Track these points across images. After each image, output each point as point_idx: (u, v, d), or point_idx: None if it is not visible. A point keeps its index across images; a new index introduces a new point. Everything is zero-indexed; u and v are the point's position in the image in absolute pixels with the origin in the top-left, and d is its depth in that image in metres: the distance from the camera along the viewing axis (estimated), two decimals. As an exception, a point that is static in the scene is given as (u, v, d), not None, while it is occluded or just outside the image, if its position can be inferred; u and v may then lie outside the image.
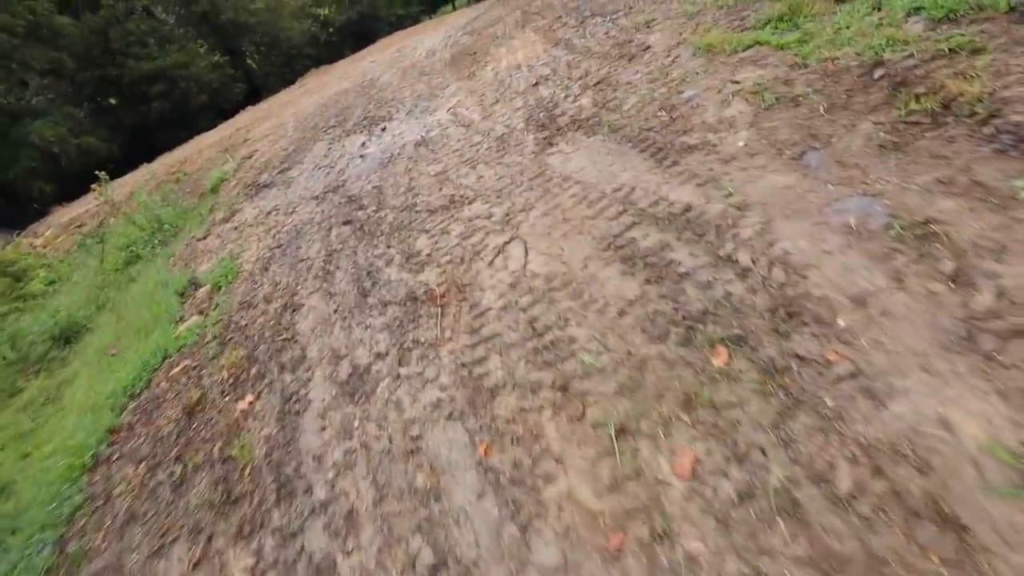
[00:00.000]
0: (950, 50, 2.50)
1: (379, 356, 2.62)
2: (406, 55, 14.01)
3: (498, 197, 3.52)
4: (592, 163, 3.34)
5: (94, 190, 8.68)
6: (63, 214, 14.89)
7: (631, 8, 5.97)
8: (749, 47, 3.43)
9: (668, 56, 4.07)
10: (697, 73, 3.50)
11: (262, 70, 30.38)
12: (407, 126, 6.40)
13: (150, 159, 17.80)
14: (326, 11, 32.85)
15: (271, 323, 3.32)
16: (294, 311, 3.36)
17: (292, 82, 24.02)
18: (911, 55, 2.57)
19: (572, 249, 2.67)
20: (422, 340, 2.57)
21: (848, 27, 3.09)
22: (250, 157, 9.39)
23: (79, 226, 12.04)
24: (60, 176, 21.29)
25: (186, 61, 25.72)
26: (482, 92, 6.14)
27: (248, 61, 30.40)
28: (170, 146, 19.37)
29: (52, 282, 7.51)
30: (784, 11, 3.56)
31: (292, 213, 5.20)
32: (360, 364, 2.64)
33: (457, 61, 9.36)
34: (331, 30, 33.05)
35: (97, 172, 8.07)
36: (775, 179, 2.42)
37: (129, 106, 24.72)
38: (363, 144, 6.56)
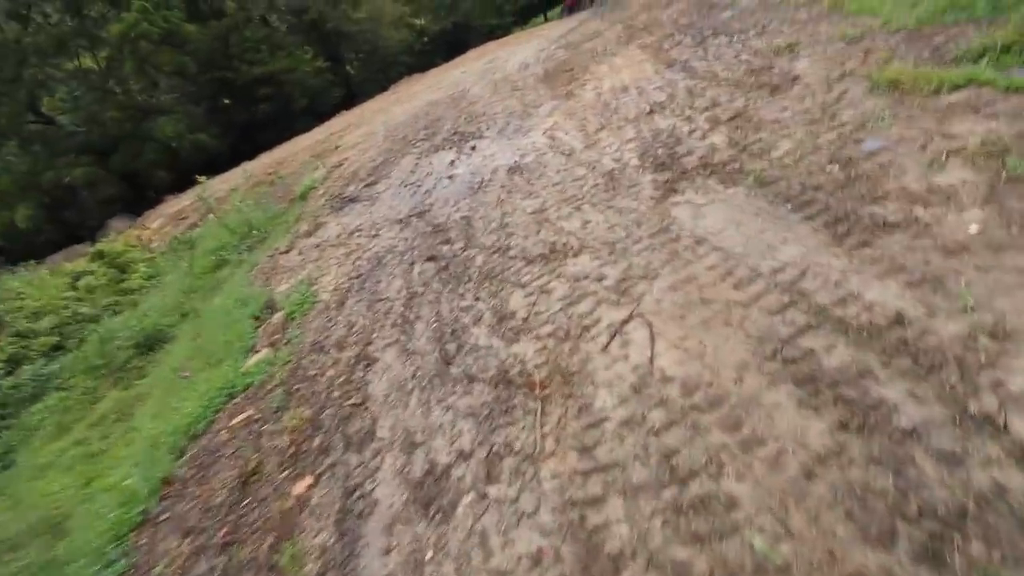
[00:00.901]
0: None
1: (462, 455, 2.14)
2: (497, 67, 13.80)
3: (610, 253, 2.95)
4: (735, 224, 2.68)
5: (200, 182, 9.08)
6: (173, 204, 16.07)
7: (764, 28, 5.19)
8: (960, 87, 2.64)
9: (829, 91, 3.32)
10: (882, 118, 2.74)
11: (359, 76, 31.79)
12: (498, 147, 5.99)
13: (252, 156, 18.92)
14: (422, 20, 33.87)
15: (341, 378, 2.96)
16: (367, 366, 2.97)
17: (386, 88, 24.81)
18: None
19: (718, 348, 2.05)
20: (516, 446, 2.05)
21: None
22: (339, 166, 9.45)
23: (183, 218, 12.84)
24: (177, 167, 23.22)
25: (292, 66, 27.37)
26: (583, 115, 5.60)
27: (347, 67, 31.93)
28: (270, 145, 20.52)
29: (151, 277, 7.84)
30: (1010, 38, 2.73)
31: (375, 236, 4.92)
32: (438, 461, 2.17)
33: (552, 77, 8.90)
34: (425, 39, 34.04)
35: (198, 176, 8.37)
36: (1042, 294, 1.67)
37: (240, 106, 26.64)
38: (452, 163, 6.23)
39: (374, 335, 3.22)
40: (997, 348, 1.59)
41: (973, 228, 1.99)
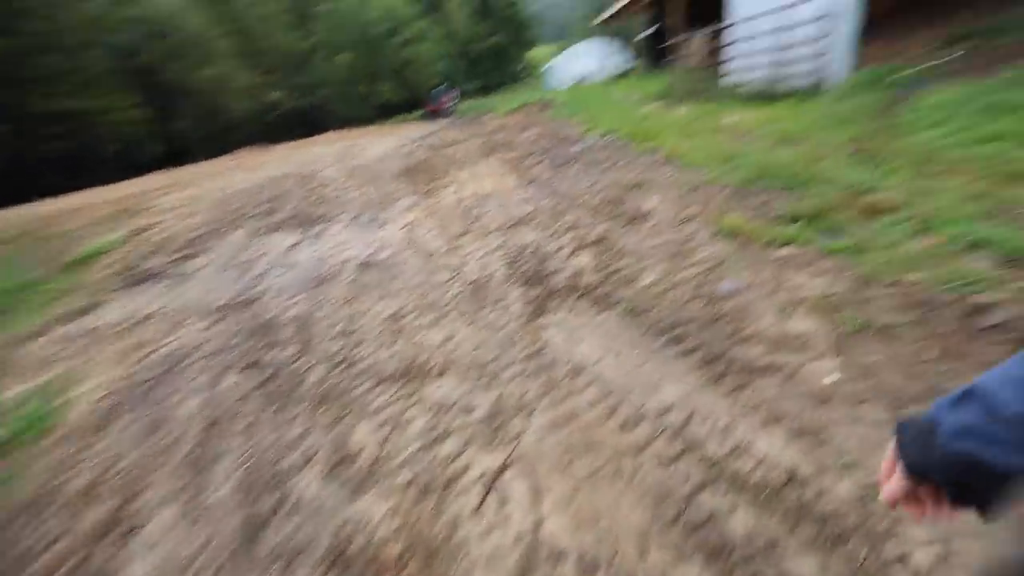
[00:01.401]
0: (1059, 307, 2.12)
1: None
2: (355, 154, 13.55)
3: (480, 377, 2.57)
4: (613, 354, 2.55)
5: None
6: None
7: (614, 165, 5.81)
8: (788, 243, 3.02)
9: (679, 229, 3.63)
10: (731, 261, 2.99)
11: (194, 134, 28.77)
12: (351, 235, 5.47)
13: (26, 199, 15.10)
14: (278, 94, 32.75)
15: (73, 560, 1.91)
16: (125, 536, 1.99)
17: (227, 152, 22.67)
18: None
19: (614, 508, 1.73)
20: None
21: (899, 245, 2.75)
22: (146, 230, 7.82)
23: None
24: None
25: (106, 107, 23.67)
26: (445, 216, 5.46)
27: (179, 123, 28.78)
28: (61, 191, 16.76)
29: None
30: (814, 210, 3.27)
31: (176, 329, 3.84)
32: None
33: (412, 174, 8.86)
34: (278, 113, 32.75)
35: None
36: (907, 452, 1.72)
37: (23, 139, 21.69)
38: (293, 246, 5.47)
39: (146, 482, 2.24)
40: (892, 513, 1.53)
41: (831, 378, 2.08)
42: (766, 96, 8.56)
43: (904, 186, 3.44)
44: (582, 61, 45.04)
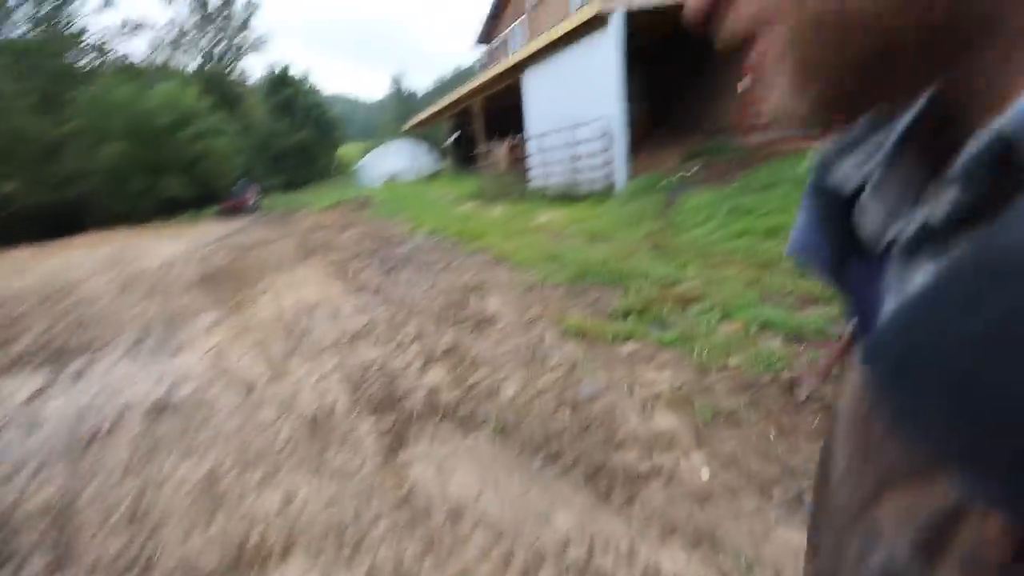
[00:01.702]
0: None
1: None
2: (132, 259, 11.35)
3: (339, 547, 2.06)
4: (491, 484, 2.30)
5: None
6: None
7: (448, 264, 5.84)
8: (628, 338, 3.26)
9: (527, 332, 3.68)
10: (585, 362, 3.08)
11: None
12: (133, 368, 4.33)
13: None
14: (12, 185, 26.19)
15: None
16: None
17: (-86, 265, 16.85)
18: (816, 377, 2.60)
19: None
20: None
21: (713, 332, 3.18)
22: None
23: None
24: None
25: None
26: (263, 334, 4.72)
27: None
28: None
29: None
30: (640, 304, 3.64)
31: None
32: None
33: (214, 282, 7.69)
34: (12, 209, 26.09)
35: None
36: (789, 537, 1.82)
37: None
38: (38, 392, 4.07)
39: None
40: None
41: (704, 474, 2.16)
42: (568, 197, 9.85)
43: (699, 276, 4.10)
44: (392, 160, 47.02)
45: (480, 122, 15.49)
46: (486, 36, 24.11)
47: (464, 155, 23.67)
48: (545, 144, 10.36)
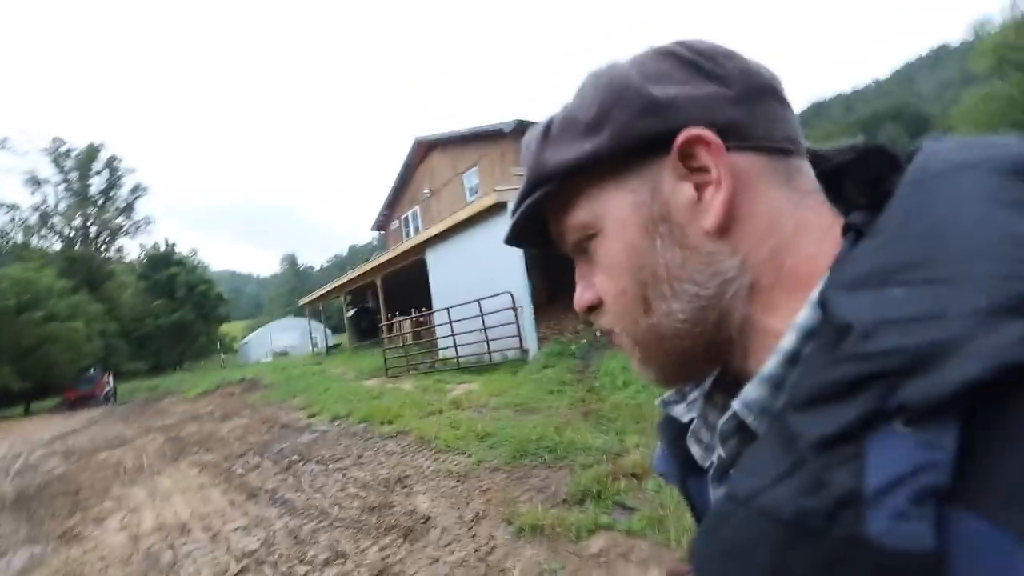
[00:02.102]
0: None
1: None
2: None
3: None
4: None
5: None
6: None
7: (360, 457, 5.07)
8: (593, 531, 2.82)
9: (474, 536, 3.07)
10: (555, 572, 2.55)
11: None
12: None
13: None
14: None
15: None
16: None
17: None
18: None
19: None
20: None
21: (675, 512, 2.89)
22: None
23: None
24: None
25: None
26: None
27: None
28: None
29: None
30: (592, 484, 3.29)
31: None
32: None
33: (36, 504, 5.92)
34: None
35: None
36: None
37: None
38: None
39: None
40: None
41: None
42: (480, 366, 9.68)
43: (641, 444, 3.91)
44: (283, 336, 44.78)
45: (381, 297, 15.57)
46: (382, 223, 25.77)
47: (363, 329, 23.22)
48: (452, 316, 10.49)
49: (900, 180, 0.31)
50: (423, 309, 13.63)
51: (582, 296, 0.42)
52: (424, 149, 19.92)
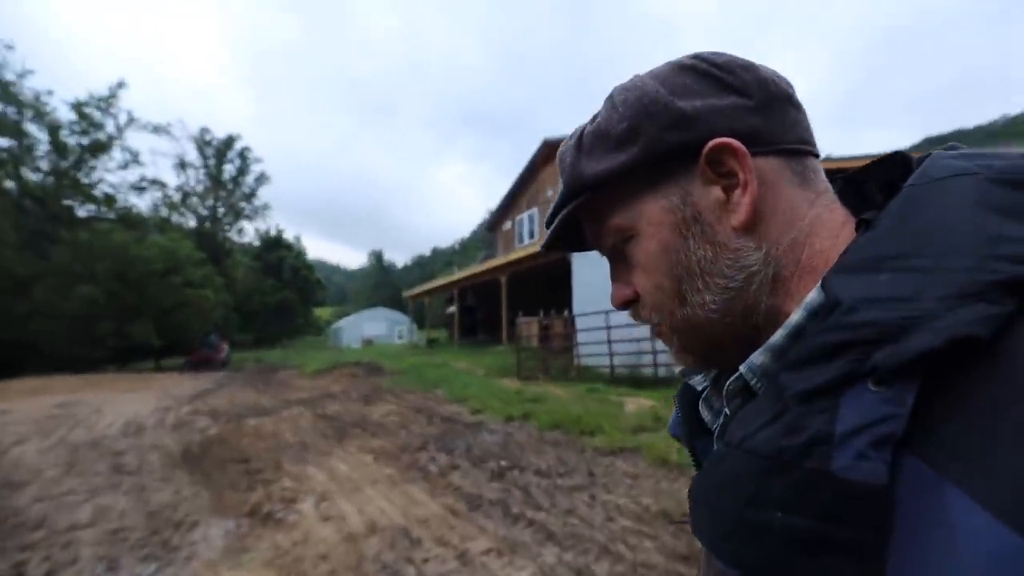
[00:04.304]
0: None
1: None
2: (81, 419, 8.90)
3: None
4: None
5: None
6: None
7: (591, 475, 4.13)
8: None
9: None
10: None
11: None
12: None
13: None
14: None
15: None
16: None
17: None
18: None
19: None
20: None
21: None
22: None
23: None
24: None
25: None
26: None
27: None
28: None
29: None
30: None
31: None
32: None
33: (206, 464, 5.58)
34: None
35: None
36: None
37: None
38: None
39: None
40: None
41: None
42: (637, 379, 8.58)
43: None
44: (372, 325, 46.30)
45: (504, 296, 14.93)
46: (493, 223, 25.48)
47: (466, 328, 22.91)
48: (592, 323, 9.49)
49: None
50: (552, 312, 12.77)
51: (619, 292, 0.46)
52: (551, 150, 19.28)
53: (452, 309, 23.85)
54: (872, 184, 0.43)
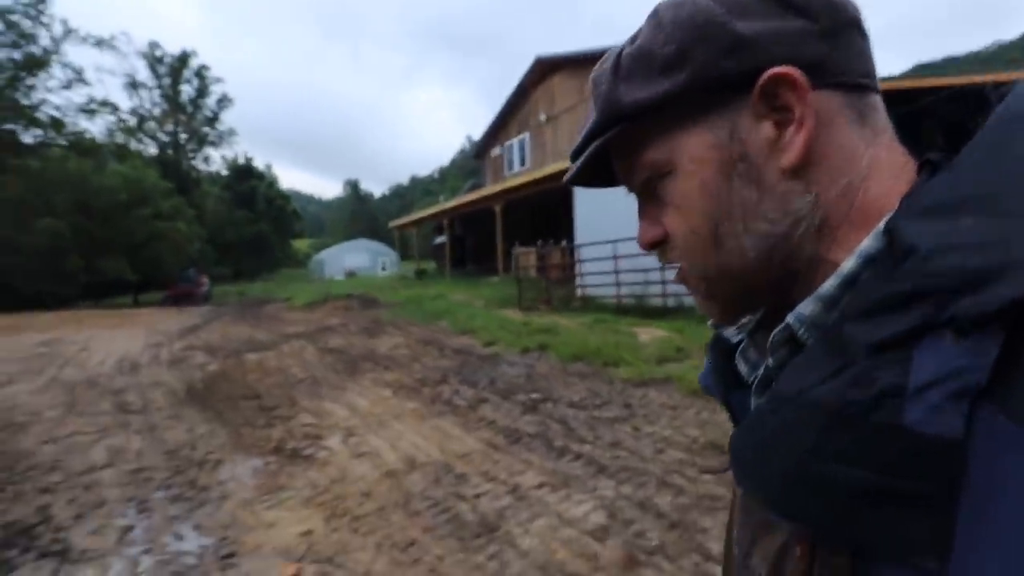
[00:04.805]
0: None
1: None
2: (70, 357, 8.56)
3: None
4: None
5: None
6: None
7: (628, 407, 4.08)
8: None
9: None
10: None
11: None
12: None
13: None
14: None
15: None
16: None
17: None
18: None
19: None
20: None
21: None
22: None
23: None
24: None
25: None
26: (394, 528, 2.68)
27: None
28: None
29: None
30: None
31: None
32: None
33: (216, 400, 5.42)
34: None
35: None
36: None
37: None
38: None
39: None
40: None
41: None
42: (646, 309, 8.56)
43: None
44: (353, 256, 45.51)
45: (499, 226, 14.52)
46: (481, 150, 24.38)
47: (456, 259, 22.56)
48: (597, 253, 9.29)
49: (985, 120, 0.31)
50: (551, 241, 12.49)
51: (648, 232, 0.42)
52: (545, 69, 18.01)
53: (441, 239, 23.34)
54: (930, 123, 0.36)
